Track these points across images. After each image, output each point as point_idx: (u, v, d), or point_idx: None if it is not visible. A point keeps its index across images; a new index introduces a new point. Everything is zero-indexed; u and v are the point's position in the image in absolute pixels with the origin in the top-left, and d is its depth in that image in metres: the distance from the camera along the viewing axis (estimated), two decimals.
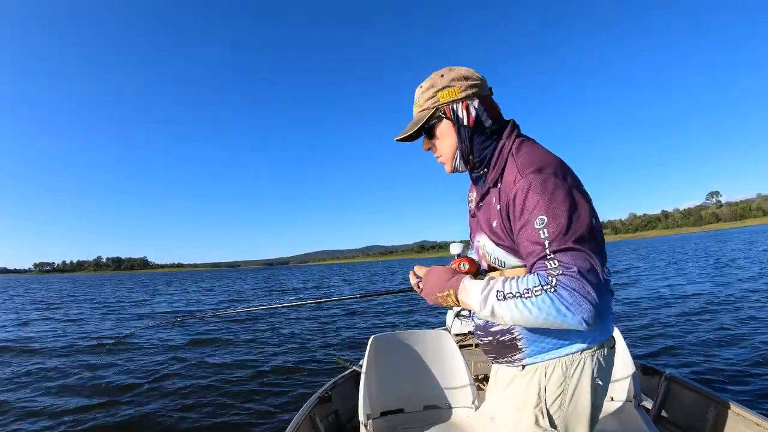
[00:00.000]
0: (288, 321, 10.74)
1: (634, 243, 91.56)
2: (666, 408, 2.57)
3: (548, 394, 1.11)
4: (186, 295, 24.64)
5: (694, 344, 5.87)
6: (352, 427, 2.68)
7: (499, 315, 1.01)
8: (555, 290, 0.95)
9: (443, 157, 1.24)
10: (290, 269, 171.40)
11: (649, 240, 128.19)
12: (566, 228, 0.98)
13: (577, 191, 1.03)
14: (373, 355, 2.31)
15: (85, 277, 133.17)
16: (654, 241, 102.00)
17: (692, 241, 56.48)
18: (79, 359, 7.23)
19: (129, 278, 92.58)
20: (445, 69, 1.19)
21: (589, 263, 0.96)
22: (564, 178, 1.03)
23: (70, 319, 13.26)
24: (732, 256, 21.37)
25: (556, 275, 0.96)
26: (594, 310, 0.93)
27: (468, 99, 1.15)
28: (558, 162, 1.08)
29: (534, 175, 1.03)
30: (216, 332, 9.38)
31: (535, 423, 1.12)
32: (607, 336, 1.14)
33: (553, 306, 0.94)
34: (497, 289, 1.02)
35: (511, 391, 1.19)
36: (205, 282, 45.53)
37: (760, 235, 49.60)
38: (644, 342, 6.22)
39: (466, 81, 1.15)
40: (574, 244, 0.97)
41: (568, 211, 0.99)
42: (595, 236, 1.01)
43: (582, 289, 0.94)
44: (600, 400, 1.14)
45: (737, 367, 4.78)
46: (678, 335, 6.44)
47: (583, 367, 1.10)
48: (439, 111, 1.17)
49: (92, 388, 5.56)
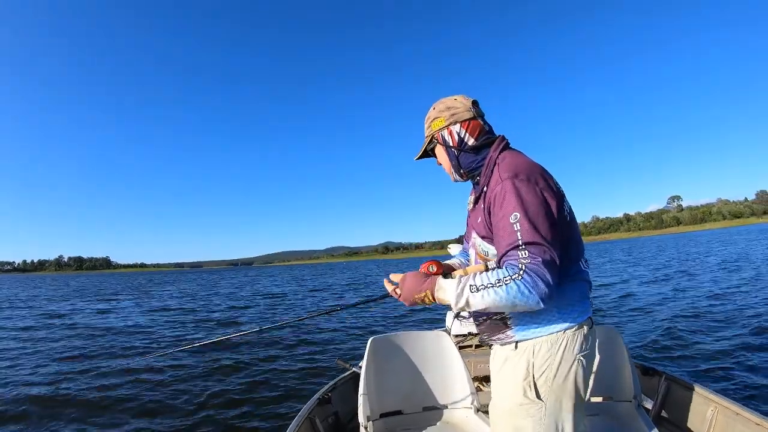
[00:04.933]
0: (295, 322, 10.56)
1: (601, 245, 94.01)
2: (666, 408, 2.58)
3: (536, 368, 1.32)
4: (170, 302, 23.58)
5: (694, 344, 5.99)
6: (351, 428, 2.67)
7: (472, 304, 1.24)
8: (521, 277, 1.18)
9: (446, 171, 1.58)
10: (258, 269, 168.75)
11: (612, 242, 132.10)
12: (535, 224, 1.22)
13: (547, 192, 1.28)
14: (372, 356, 2.32)
15: (49, 277, 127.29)
16: (618, 243, 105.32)
17: (668, 242, 58.42)
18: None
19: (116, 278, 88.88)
20: (436, 102, 1.54)
21: (549, 255, 1.20)
22: (536, 181, 1.28)
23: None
24: (724, 257, 21.83)
25: (525, 263, 1.20)
26: (548, 291, 1.18)
27: (451, 125, 1.48)
28: (533, 168, 1.33)
29: (510, 179, 1.28)
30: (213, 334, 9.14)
31: (523, 395, 1.33)
32: (585, 317, 1.37)
33: (519, 290, 1.18)
34: (470, 283, 1.24)
35: (505, 368, 1.41)
36: (175, 284, 44.07)
37: (740, 236, 51.26)
38: (644, 342, 6.34)
39: (448, 111, 1.48)
40: (540, 238, 1.21)
41: (537, 210, 1.24)
42: (559, 231, 1.27)
43: (542, 274, 1.18)
44: (585, 376, 1.34)
45: (737, 366, 4.87)
46: (677, 335, 6.56)
47: (566, 344, 1.32)
48: (434, 138, 1.53)
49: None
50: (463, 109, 1.47)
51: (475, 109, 1.48)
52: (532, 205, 1.24)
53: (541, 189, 1.28)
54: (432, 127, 1.52)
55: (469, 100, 1.49)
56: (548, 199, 1.27)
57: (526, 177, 1.28)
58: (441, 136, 1.50)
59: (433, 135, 1.52)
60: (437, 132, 1.50)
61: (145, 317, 13.65)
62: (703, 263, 19.41)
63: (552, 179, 1.36)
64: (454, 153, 1.49)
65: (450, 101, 1.50)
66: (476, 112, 1.48)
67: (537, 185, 1.27)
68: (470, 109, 1.47)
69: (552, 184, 1.33)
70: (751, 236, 45.22)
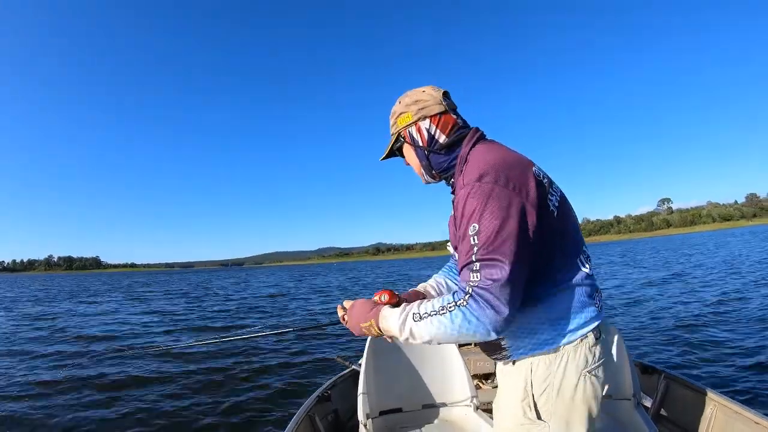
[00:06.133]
0: (286, 321, 10.57)
1: (592, 247, 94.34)
2: (665, 406, 2.57)
3: (535, 388, 1.16)
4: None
5: (693, 343, 5.98)
6: (351, 426, 2.68)
7: (417, 335, 1.10)
8: (467, 303, 1.02)
9: (416, 172, 1.38)
10: (248, 270, 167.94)
11: (603, 244, 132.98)
12: (492, 238, 1.02)
13: (519, 197, 1.05)
14: (372, 354, 2.32)
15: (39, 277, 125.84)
16: (609, 245, 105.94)
17: (660, 244, 58.71)
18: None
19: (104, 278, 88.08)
20: (402, 95, 1.33)
21: (506, 273, 1.00)
22: (505, 183, 1.06)
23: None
24: (723, 258, 21.89)
25: (473, 286, 1.03)
26: (500, 318, 1.01)
27: (419, 121, 1.28)
28: (504, 164, 1.10)
29: (473, 183, 1.08)
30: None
31: (523, 415, 1.17)
32: (587, 329, 1.15)
33: (465, 318, 1.02)
34: (413, 312, 1.10)
35: (504, 386, 1.27)
36: (173, 284, 43.87)
37: (734, 237, 51.44)
38: (643, 341, 6.35)
39: (416, 105, 1.28)
40: (497, 254, 1.01)
41: (500, 220, 1.02)
42: (534, 241, 1.05)
43: (491, 299, 1.00)
44: (594, 392, 1.15)
45: (736, 365, 4.87)
46: (677, 334, 6.57)
47: (567, 360, 1.13)
48: (400, 136, 1.33)
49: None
50: (433, 102, 1.27)
51: (446, 102, 1.28)
52: (494, 214, 1.03)
53: (512, 190, 1.05)
54: (398, 124, 1.32)
55: (439, 91, 1.29)
56: (516, 206, 1.04)
57: (493, 179, 1.06)
58: (408, 133, 1.30)
59: (399, 133, 1.33)
60: (404, 129, 1.31)
61: (143, 317, 13.53)
62: (702, 264, 19.48)
63: (530, 172, 1.12)
64: (424, 153, 1.29)
65: (418, 93, 1.30)
66: (448, 104, 1.28)
67: (506, 187, 1.05)
68: (441, 102, 1.27)
69: (529, 178, 1.10)
70: (744, 238, 45.71)
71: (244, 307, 15.81)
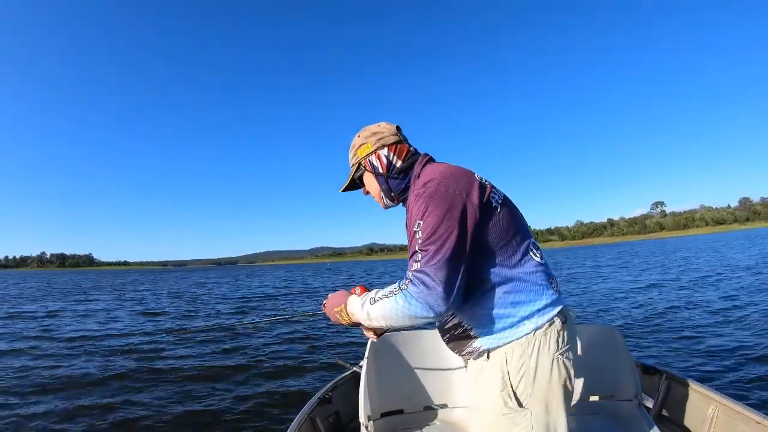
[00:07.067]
0: (287, 322, 10.52)
1: (586, 249, 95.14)
2: (667, 407, 2.55)
3: (512, 376, 1.25)
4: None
5: (694, 343, 6.01)
6: (352, 428, 2.65)
7: (372, 316, 1.27)
8: (407, 287, 1.19)
9: (376, 199, 1.56)
10: (243, 268, 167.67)
11: (596, 247, 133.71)
12: (434, 230, 1.18)
13: (460, 197, 1.21)
14: (373, 356, 2.30)
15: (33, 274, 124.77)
16: (602, 247, 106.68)
17: (655, 247, 59.12)
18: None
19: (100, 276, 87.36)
20: (361, 130, 1.53)
21: (441, 257, 1.15)
22: (447, 187, 1.23)
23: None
24: (722, 260, 22.01)
25: (413, 272, 1.19)
26: (436, 297, 1.15)
27: (379, 149, 1.46)
28: (447, 173, 1.28)
29: (421, 187, 1.27)
30: (212, 334, 8.98)
31: (504, 405, 1.26)
32: (552, 314, 1.27)
33: (405, 300, 1.18)
34: (371, 297, 1.30)
35: (481, 381, 1.34)
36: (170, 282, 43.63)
37: (729, 241, 51.79)
38: (644, 341, 6.38)
39: (374, 136, 1.48)
40: (436, 243, 1.17)
41: (441, 214, 1.18)
42: (465, 234, 1.19)
43: (427, 280, 1.15)
44: (568, 373, 1.26)
45: (737, 365, 4.90)
46: (678, 334, 6.62)
47: (539, 346, 1.23)
48: (361, 165, 1.51)
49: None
50: (389, 133, 1.47)
51: (400, 134, 1.49)
52: (435, 211, 1.19)
53: (453, 192, 1.22)
54: (358, 155, 1.50)
55: (393, 125, 1.51)
56: (462, 201, 1.21)
57: (437, 183, 1.24)
58: (369, 161, 1.48)
59: (360, 162, 1.50)
60: (365, 158, 1.48)
61: (137, 317, 13.44)
62: (702, 266, 19.63)
63: (472, 178, 1.29)
64: (384, 178, 1.47)
65: (375, 127, 1.50)
66: (401, 136, 1.49)
67: (448, 189, 1.22)
68: (396, 134, 1.48)
69: (472, 183, 1.26)
70: (738, 242, 46.06)
71: (249, 303, 15.78)
